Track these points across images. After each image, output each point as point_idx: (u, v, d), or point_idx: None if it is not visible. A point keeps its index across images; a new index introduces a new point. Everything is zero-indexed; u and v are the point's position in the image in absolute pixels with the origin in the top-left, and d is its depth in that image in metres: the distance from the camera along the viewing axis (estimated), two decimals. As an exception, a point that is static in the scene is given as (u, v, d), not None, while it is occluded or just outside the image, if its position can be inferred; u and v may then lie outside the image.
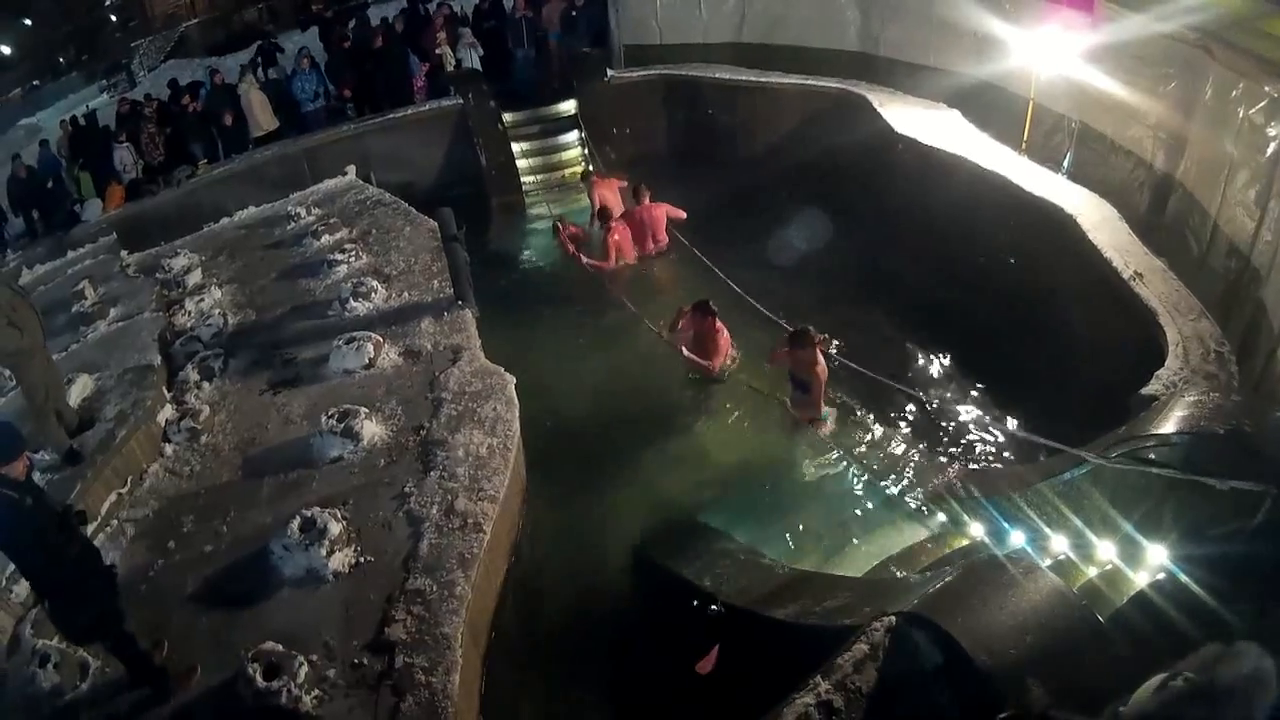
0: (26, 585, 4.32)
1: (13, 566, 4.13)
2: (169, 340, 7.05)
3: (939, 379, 6.50)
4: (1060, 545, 4.11)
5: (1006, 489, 4.54)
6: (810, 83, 9.83)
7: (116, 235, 9.89)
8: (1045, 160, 7.15)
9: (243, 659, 3.79)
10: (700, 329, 6.25)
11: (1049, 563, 3.88)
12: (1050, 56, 6.70)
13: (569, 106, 11.23)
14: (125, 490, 5.34)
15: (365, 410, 5.42)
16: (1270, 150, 4.60)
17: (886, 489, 5.46)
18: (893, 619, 3.00)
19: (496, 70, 11.67)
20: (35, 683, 3.95)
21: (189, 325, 7.28)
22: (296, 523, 4.47)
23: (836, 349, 5.97)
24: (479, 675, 4.13)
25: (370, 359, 6.09)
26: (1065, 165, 6.99)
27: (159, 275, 8.37)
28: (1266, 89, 4.67)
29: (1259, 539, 3.23)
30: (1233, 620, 2.93)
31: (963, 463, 5.62)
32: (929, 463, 5.70)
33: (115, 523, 5.09)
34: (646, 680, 4.42)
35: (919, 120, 8.33)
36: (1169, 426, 3.81)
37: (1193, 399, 4.05)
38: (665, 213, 8.23)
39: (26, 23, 30.10)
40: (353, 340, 6.19)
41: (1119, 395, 4.72)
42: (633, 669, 4.52)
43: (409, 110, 11.15)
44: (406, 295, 7.08)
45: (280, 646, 3.86)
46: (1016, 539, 4.28)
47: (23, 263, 10.11)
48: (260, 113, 11.23)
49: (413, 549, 4.37)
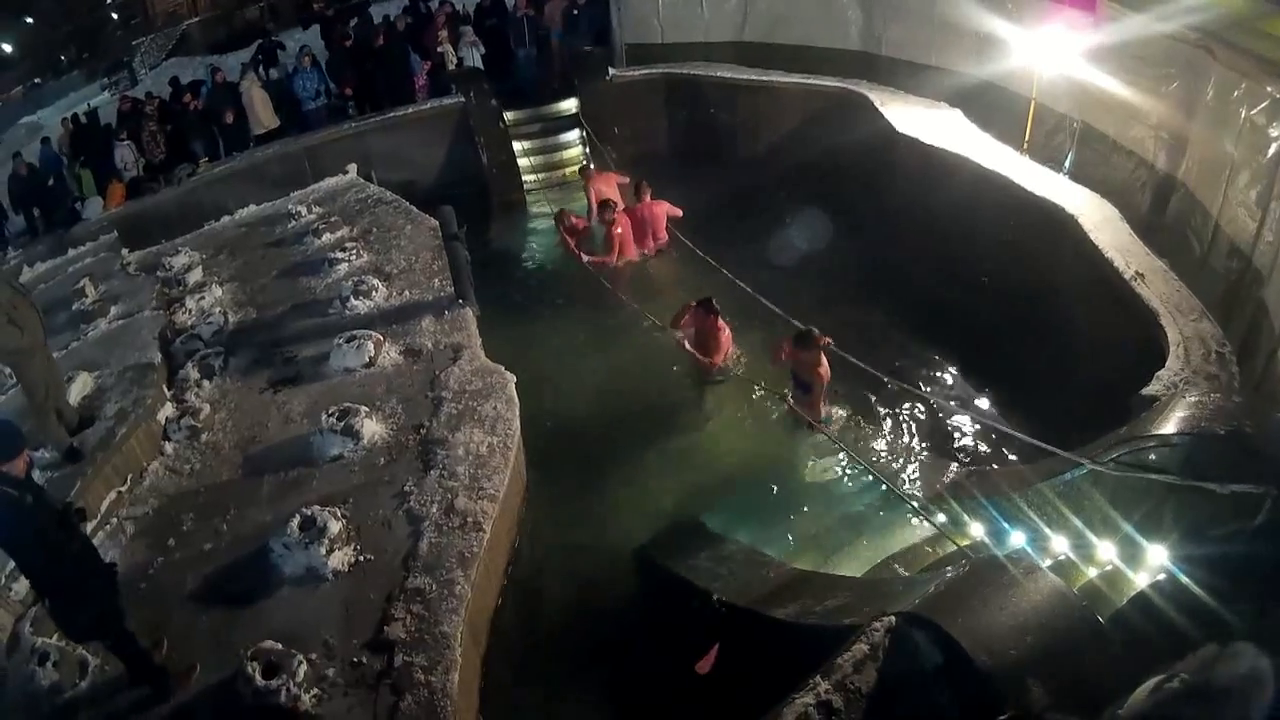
0: (26, 583, 4.33)
1: (12, 564, 4.13)
2: (169, 338, 7.05)
3: (939, 379, 6.50)
4: (1060, 545, 4.11)
5: (1007, 489, 4.53)
6: (812, 82, 9.82)
7: (117, 233, 9.89)
8: (1047, 160, 7.14)
9: (242, 657, 3.80)
10: (702, 326, 6.26)
11: (1049, 563, 3.87)
12: (1052, 56, 6.70)
13: (570, 105, 11.22)
14: (125, 488, 5.34)
15: (365, 409, 5.42)
16: (1272, 151, 4.60)
17: (886, 489, 5.46)
18: (893, 619, 3.00)
19: (498, 69, 11.66)
20: (35, 680, 3.95)
21: (189, 323, 7.29)
22: (296, 521, 4.48)
23: (834, 345, 5.96)
24: (478, 674, 4.14)
25: (371, 357, 6.10)
26: (1067, 165, 6.98)
27: (160, 273, 8.38)
28: (1268, 89, 4.67)
29: (1259, 539, 3.22)
30: (1233, 621, 2.92)
31: (963, 463, 5.62)
32: (929, 463, 5.70)
33: (115, 521, 5.09)
34: (646, 680, 4.41)
35: (920, 120, 8.32)
36: (1170, 427, 3.81)
37: (1193, 399, 4.04)
38: (665, 211, 8.24)
39: (28, 21, 30.11)
40: (353, 339, 6.19)
41: (1120, 395, 4.72)
42: (633, 668, 4.51)
43: (410, 109, 11.14)
44: (407, 294, 7.08)
45: (280, 645, 3.87)
46: (1017, 539, 4.27)
47: (23, 260, 10.11)
48: (262, 110, 11.23)
49: (412, 548, 4.37)
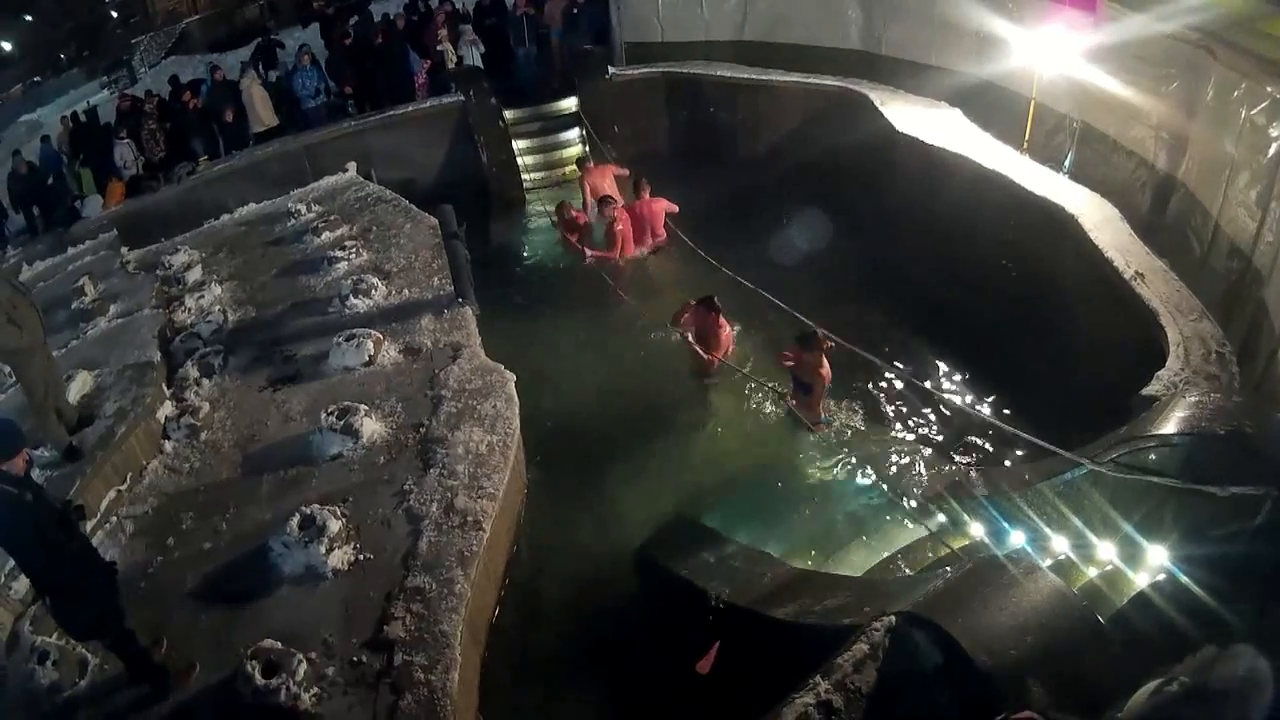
0: (26, 582, 4.33)
1: (12, 563, 4.13)
2: (169, 337, 7.05)
3: (940, 378, 6.49)
4: (1061, 545, 4.11)
5: (1007, 489, 4.53)
6: (812, 81, 9.81)
7: (117, 232, 9.89)
8: (1047, 160, 7.13)
9: (242, 656, 3.80)
10: (703, 324, 6.26)
11: (1049, 563, 3.87)
12: (1052, 56, 6.69)
13: (570, 104, 11.21)
14: (125, 487, 5.34)
15: (365, 407, 5.42)
16: (1272, 151, 4.59)
17: (886, 489, 5.46)
18: (893, 619, 3.00)
19: (498, 67, 11.64)
20: (34, 679, 3.95)
21: (189, 322, 7.29)
22: (296, 520, 4.48)
23: (839, 340, 5.95)
24: (478, 673, 4.13)
25: (370, 356, 6.09)
26: (1067, 165, 6.98)
27: (159, 272, 8.38)
28: (1268, 90, 4.67)
29: (1259, 540, 3.22)
30: (1233, 621, 2.93)
31: (963, 463, 5.62)
32: (929, 463, 5.71)
33: (114, 520, 5.09)
34: (646, 679, 4.41)
35: (921, 119, 8.31)
36: (1170, 427, 3.81)
37: (1194, 400, 4.04)
38: (664, 208, 8.24)
39: (28, 19, 30.09)
40: (353, 337, 6.19)
41: (1120, 395, 4.72)
42: (633, 668, 4.51)
43: (410, 107, 11.13)
44: (407, 292, 7.08)
45: (279, 644, 3.87)
46: (1017, 539, 4.28)
47: (23, 259, 10.11)
48: (262, 108, 11.22)
49: (412, 547, 4.37)
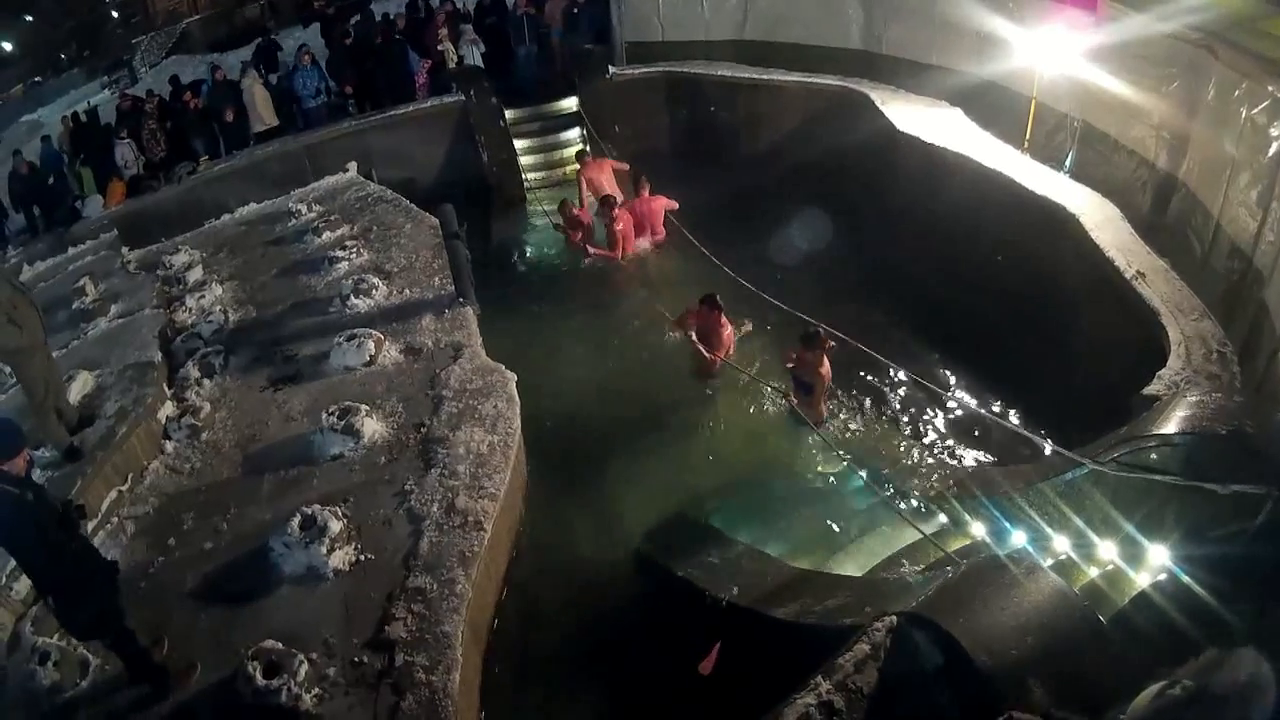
0: (27, 582, 4.33)
1: (13, 563, 4.13)
2: (169, 337, 7.04)
3: (940, 378, 6.49)
4: (1062, 545, 4.10)
5: (1008, 488, 4.53)
6: (813, 81, 9.80)
7: (117, 232, 9.88)
8: (1048, 159, 7.13)
9: (242, 657, 3.80)
10: (705, 323, 6.27)
11: (1050, 563, 3.87)
12: (1053, 55, 6.69)
13: (571, 104, 11.22)
14: (125, 487, 5.33)
15: (366, 407, 5.42)
16: (1273, 151, 4.59)
17: (887, 489, 5.46)
18: (893, 619, 3.00)
19: (498, 67, 11.64)
20: (35, 680, 3.95)
21: (190, 322, 7.29)
22: (297, 520, 4.47)
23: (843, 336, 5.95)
24: (479, 673, 4.13)
25: (371, 356, 6.09)
26: (1068, 165, 6.97)
27: (160, 272, 8.38)
28: (1269, 89, 4.66)
29: (1260, 540, 3.22)
30: (1233, 621, 2.93)
31: (964, 462, 5.62)
32: (930, 462, 5.70)
33: (115, 520, 5.09)
34: (646, 680, 4.41)
35: (921, 119, 8.30)
36: (1171, 427, 3.81)
37: (1195, 399, 4.04)
38: (663, 206, 8.24)
39: (28, 19, 30.10)
40: (354, 337, 6.19)
41: (1121, 395, 4.72)
42: (633, 668, 4.51)
43: (410, 107, 11.12)
44: (407, 292, 7.08)
45: (280, 644, 3.86)
46: (1018, 539, 4.28)
47: (23, 259, 10.10)
48: (263, 107, 11.23)
49: (413, 547, 4.37)
